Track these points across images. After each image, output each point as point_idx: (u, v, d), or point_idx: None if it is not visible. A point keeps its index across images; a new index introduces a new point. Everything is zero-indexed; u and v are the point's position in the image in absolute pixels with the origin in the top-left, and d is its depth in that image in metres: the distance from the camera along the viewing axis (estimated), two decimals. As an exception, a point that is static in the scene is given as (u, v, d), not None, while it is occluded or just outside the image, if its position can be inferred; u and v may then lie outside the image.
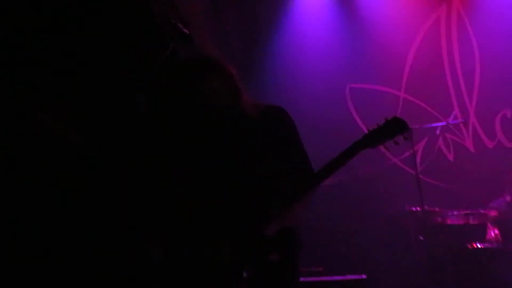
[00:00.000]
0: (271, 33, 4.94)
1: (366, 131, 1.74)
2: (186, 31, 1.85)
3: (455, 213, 3.83)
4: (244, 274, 1.54)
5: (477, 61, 4.72)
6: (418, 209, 3.88)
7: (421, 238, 3.93)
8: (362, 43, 4.88)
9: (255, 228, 1.59)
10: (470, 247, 3.62)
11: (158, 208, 1.67)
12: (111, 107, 1.98)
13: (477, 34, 4.72)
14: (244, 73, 1.86)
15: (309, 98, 4.60)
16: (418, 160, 4.36)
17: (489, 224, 3.81)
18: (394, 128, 1.69)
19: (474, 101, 4.74)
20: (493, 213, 3.77)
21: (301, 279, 3.03)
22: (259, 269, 1.56)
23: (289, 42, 4.95)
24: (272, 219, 1.59)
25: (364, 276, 3.47)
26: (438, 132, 4.35)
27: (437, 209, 3.96)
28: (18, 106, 1.80)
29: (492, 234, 3.72)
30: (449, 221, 3.89)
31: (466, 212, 3.77)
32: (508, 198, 3.88)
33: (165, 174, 1.70)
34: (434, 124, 4.17)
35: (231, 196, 1.63)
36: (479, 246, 3.60)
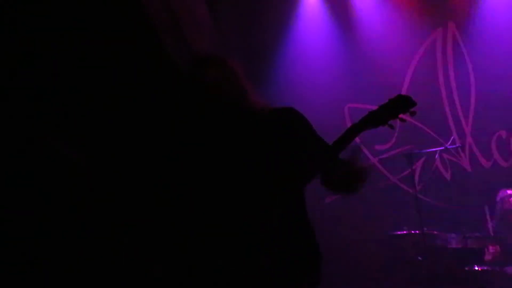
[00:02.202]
0: (271, 51, 5.03)
1: (363, 147, 1.69)
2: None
3: (454, 236, 3.86)
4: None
5: (473, 84, 4.82)
6: (417, 232, 3.91)
7: (420, 258, 3.94)
8: (360, 64, 4.97)
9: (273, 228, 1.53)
10: (469, 269, 3.64)
11: (178, 210, 1.62)
12: (118, 117, 2.03)
13: (472, 57, 4.83)
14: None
15: (308, 118, 4.64)
16: (415, 179, 4.41)
17: (487, 246, 3.83)
18: (399, 105, 1.59)
19: (470, 123, 4.83)
20: (490, 235, 3.80)
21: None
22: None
23: (288, 62, 5.03)
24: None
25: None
26: (436, 156, 4.40)
27: (435, 232, 3.99)
28: (27, 131, 1.85)
29: (490, 256, 3.73)
30: (448, 244, 3.91)
31: (465, 235, 3.79)
32: (499, 218, 3.92)
33: (178, 175, 1.66)
34: (433, 149, 4.21)
35: (245, 195, 1.57)
36: (478, 269, 3.61)
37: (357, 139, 1.66)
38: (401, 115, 1.61)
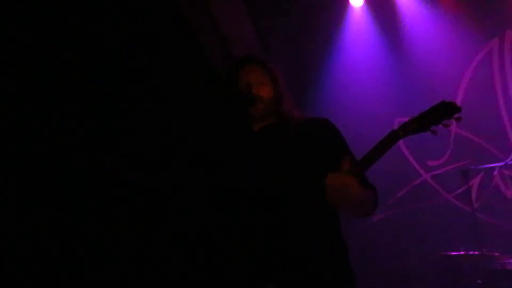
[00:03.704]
0: (318, 65, 5.00)
1: (415, 164, 1.64)
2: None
3: (517, 259, 3.60)
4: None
5: (534, 95, 4.53)
6: (476, 253, 3.67)
7: (479, 281, 3.69)
8: (410, 76, 4.82)
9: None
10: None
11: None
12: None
13: (533, 67, 4.55)
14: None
15: (357, 132, 4.54)
16: (473, 196, 4.17)
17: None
18: (442, 111, 1.51)
19: (532, 136, 4.52)
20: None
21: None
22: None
23: (336, 75, 4.97)
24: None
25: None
26: (495, 172, 4.12)
27: (496, 254, 3.73)
28: (87, 155, 1.92)
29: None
30: (509, 267, 3.64)
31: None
32: None
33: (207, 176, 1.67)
34: (492, 165, 3.95)
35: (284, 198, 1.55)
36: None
37: (408, 154, 1.58)
38: (445, 122, 1.53)
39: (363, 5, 4.96)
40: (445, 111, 1.53)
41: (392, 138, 1.53)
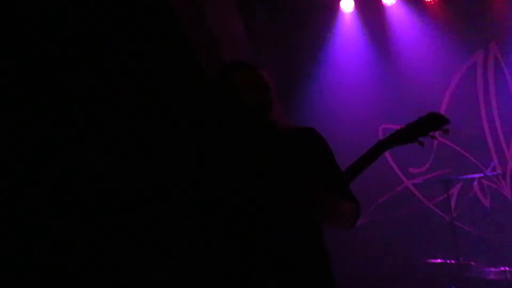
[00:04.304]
0: (306, 70, 5.02)
1: (397, 171, 1.65)
2: None
3: (492, 269, 3.67)
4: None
5: (516, 107, 4.63)
6: (453, 261, 3.73)
7: (454, 288, 3.76)
8: (396, 84, 4.87)
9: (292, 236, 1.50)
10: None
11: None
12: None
13: (515, 80, 4.64)
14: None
15: (341, 138, 4.58)
16: (452, 205, 4.23)
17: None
18: (429, 123, 1.53)
19: (512, 148, 4.62)
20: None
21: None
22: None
23: (323, 81, 5.00)
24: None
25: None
26: (475, 183, 4.20)
27: (472, 263, 3.80)
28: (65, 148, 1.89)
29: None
30: (485, 276, 3.71)
31: (504, 269, 3.60)
32: None
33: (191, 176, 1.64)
34: (471, 176, 4.02)
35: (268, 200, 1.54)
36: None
37: (391, 161, 1.59)
38: (432, 133, 1.54)
39: (353, 10, 5.00)
40: (432, 122, 1.55)
41: (379, 148, 1.55)
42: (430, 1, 4.86)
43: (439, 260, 3.92)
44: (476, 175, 4.01)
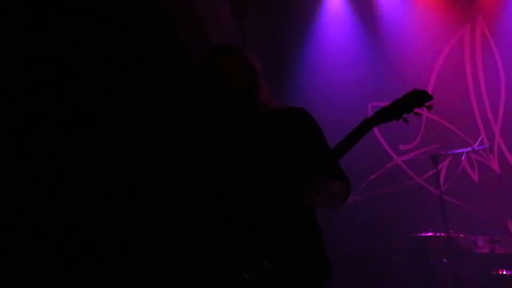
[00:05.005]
0: (294, 52, 5.00)
1: (387, 148, 1.66)
2: None
3: (481, 239, 3.75)
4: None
5: (503, 81, 4.67)
6: (442, 234, 3.81)
7: (445, 260, 3.85)
8: (385, 62, 4.88)
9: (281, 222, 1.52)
10: (496, 273, 3.53)
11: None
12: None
13: (502, 54, 4.67)
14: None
15: (330, 117, 4.60)
16: (441, 180, 4.30)
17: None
18: (414, 99, 1.55)
19: (499, 121, 4.67)
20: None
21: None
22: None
23: (311, 61, 4.98)
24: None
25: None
26: (463, 157, 4.25)
27: (462, 235, 3.89)
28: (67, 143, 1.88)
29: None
30: (474, 248, 3.81)
31: (492, 239, 3.68)
32: None
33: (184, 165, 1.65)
34: (459, 150, 4.06)
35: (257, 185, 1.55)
36: (506, 273, 3.50)
37: (381, 138, 1.61)
38: (416, 109, 1.56)
39: (339, -10, 4.97)
40: (417, 99, 1.56)
41: (365, 126, 1.56)
42: (417, -23, 4.84)
43: (430, 234, 3.99)
44: (464, 150, 4.06)
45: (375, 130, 4.90)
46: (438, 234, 3.91)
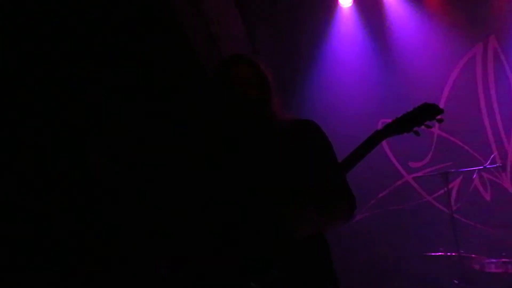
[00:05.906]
0: (305, 65, 5.01)
1: (397, 165, 1.65)
2: None
3: (493, 260, 3.68)
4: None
5: (516, 100, 4.63)
6: (453, 254, 3.74)
7: (456, 281, 3.77)
8: (396, 78, 4.87)
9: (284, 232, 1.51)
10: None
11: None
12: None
13: (515, 73, 4.64)
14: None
15: (341, 131, 4.58)
16: (452, 198, 4.24)
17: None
18: (424, 113, 1.54)
19: (512, 140, 4.62)
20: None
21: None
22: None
23: (322, 75, 5.00)
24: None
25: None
26: (475, 175, 4.20)
27: (473, 256, 3.81)
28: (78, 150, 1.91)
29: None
30: (486, 269, 3.72)
31: (505, 260, 3.61)
32: None
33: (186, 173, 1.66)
34: (471, 168, 4.01)
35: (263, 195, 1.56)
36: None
37: (391, 155, 1.60)
38: (427, 122, 1.56)
39: (351, 5, 5.00)
40: (427, 112, 1.56)
41: (375, 139, 1.55)
42: (429, -5, 4.85)
43: (441, 253, 3.93)
44: (476, 168, 4.01)
45: (385, 146, 4.87)
46: (449, 254, 3.84)
